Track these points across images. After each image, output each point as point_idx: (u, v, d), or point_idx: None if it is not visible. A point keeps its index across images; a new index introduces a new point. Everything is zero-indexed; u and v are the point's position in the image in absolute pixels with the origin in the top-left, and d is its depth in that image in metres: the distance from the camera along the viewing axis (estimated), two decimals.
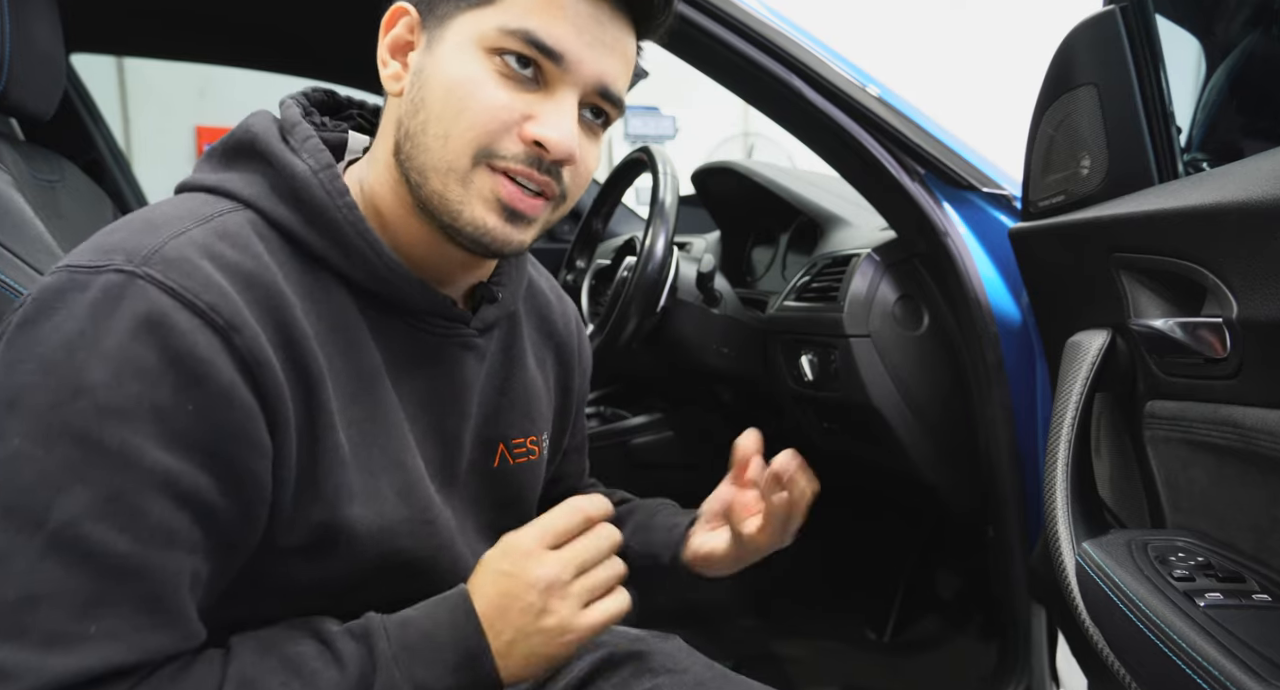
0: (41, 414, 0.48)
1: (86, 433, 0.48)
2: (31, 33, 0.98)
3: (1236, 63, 0.91)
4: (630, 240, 1.45)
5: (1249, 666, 0.55)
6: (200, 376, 0.50)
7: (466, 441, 0.71)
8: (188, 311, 0.51)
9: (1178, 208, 0.71)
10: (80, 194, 1.17)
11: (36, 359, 0.49)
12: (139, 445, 0.48)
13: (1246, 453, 0.67)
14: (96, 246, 0.53)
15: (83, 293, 0.50)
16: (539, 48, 0.59)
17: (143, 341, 0.49)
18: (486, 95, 0.59)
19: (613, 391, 2.01)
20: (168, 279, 0.51)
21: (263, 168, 0.61)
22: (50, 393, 0.48)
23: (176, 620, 0.52)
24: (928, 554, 1.67)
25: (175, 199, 0.60)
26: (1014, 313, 1.12)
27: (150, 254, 0.52)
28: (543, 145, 0.59)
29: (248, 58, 1.92)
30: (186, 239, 0.54)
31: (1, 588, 0.46)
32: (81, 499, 0.47)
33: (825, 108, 1.08)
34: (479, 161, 0.60)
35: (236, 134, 0.63)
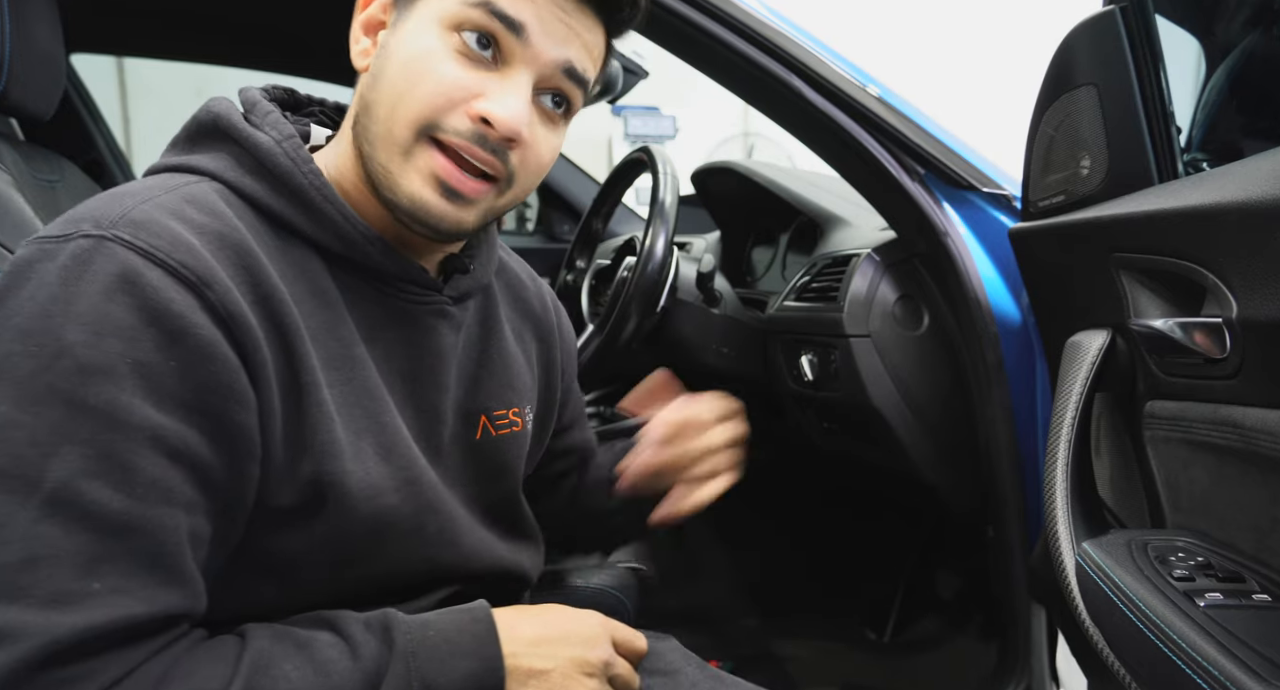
0: (24, 380, 0.48)
1: (71, 393, 0.48)
2: (31, 33, 0.98)
3: (1236, 63, 0.91)
4: (630, 240, 1.45)
5: (1249, 666, 0.55)
6: (179, 331, 0.51)
7: (448, 413, 0.71)
8: (159, 269, 0.51)
9: (1178, 208, 0.71)
10: (80, 194, 1.17)
11: (13, 328, 0.49)
12: (125, 402, 0.49)
13: (1246, 453, 0.67)
14: (65, 219, 0.54)
15: (52, 260, 0.51)
16: (500, 18, 0.59)
17: (117, 301, 0.50)
18: (441, 70, 0.59)
19: (613, 391, 2.01)
20: (136, 239, 0.51)
21: (226, 144, 0.62)
22: (31, 358, 0.48)
23: (180, 578, 0.52)
24: (928, 554, 1.67)
25: (142, 179, 0.61)
26: (1014, 313, 1.12)
27: (118, 218, 0.52)
28: (488, 122, 0.59)
29: (248, 58, 1.92)
30: (153, 204, 0.55)
31: (4, 552, 0.46)
32: (73, 459, 0.48)
33: (825, 108, 1.08)
34: (421, 136, 0.60)
35: (198, 117, 0.64)
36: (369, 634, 0.58)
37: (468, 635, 0.60)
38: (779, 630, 1.64)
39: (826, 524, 1.86)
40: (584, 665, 0.64)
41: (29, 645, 0.45)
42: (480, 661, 0.59)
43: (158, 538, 0.50)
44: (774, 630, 1.64)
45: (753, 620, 1.69)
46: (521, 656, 0.61)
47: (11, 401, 0.48)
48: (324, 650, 0.56)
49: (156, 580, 0.50)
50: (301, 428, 0.58)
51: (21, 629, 0.45)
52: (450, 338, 0.71)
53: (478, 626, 0.61)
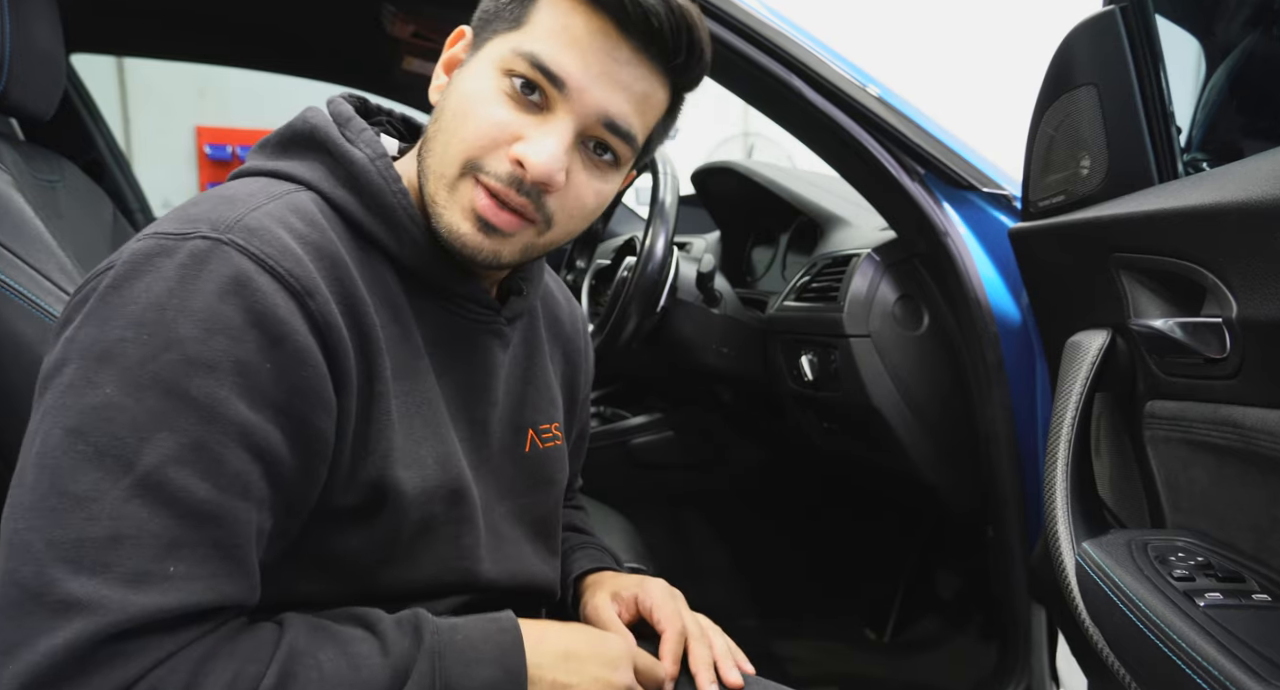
0: (133, 366, 0.51)
1: (175, 384, 0.51)
2: (31, 33, 0.98)
3: (1236, 63, 0.92)
4: (630, 240, 1.45)
5: (1249, 666, 0.55)
6: (280, 336, 0.54)
7: (494, 426, 0.74)
8: (268, 275, 0.54)
9: (1178, 208, 0.71)
10: (80, 194, 1.17)
11: (128, 316, 0.52)
12: (224, 397, 0.52)
13: (1246, 453, 0.67)
14: (180, 218, 0.56)
15: (170, 257, 0.53)
16: (542, 71, 0.61)
17: (228, 301, 0.53)
18: (487, 111, 0.62)
19: (613, 391, 2.01)
20: (250, 245, 0.55)
21: (322, 156, 0.65)
22: (141, 346, 0.51)
23: (246, 570, 0.54)
24: (928, 554, 1.67)
25: (241, 182, 0.64)
26: (1014, 313, 1.12)
27: (233, 223, 0.55)
28: (522, 165, 0.61)
29: (248, 58, 1.92)
30: (263, 211, 0.58)
31: (89, 525, 0.49)
32: (167, 446, 0.50)
33: (825, 108, 1.08)
34: (466, 172, 0.63)
35: (295, 125, 0.67)
36: (400, 632, 0.59)
37: (493, 643, 0.62)
38: (779, 630, 1.64)
39: (826, 524, 1.86)
40: (608, 685, 0.65)
41: (105, 620, 0.47)
42: (503, 670, 0.61)
43: (232, 530, 0.53)
44: (774, 630, 1.64)
45: (753, 620, 1.69)
46: (547, 669, 0.63)
47: (117, 385, 0.50)
48: (357, 645, 0.58)
49: (225, 570, 0.53)
50: (368, 433, 0.61)
51: (101, 603, 0.48)
52: (500, 355, 0.74)
53: (504, 636, 0.63)
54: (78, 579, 0.48)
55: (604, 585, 0.82)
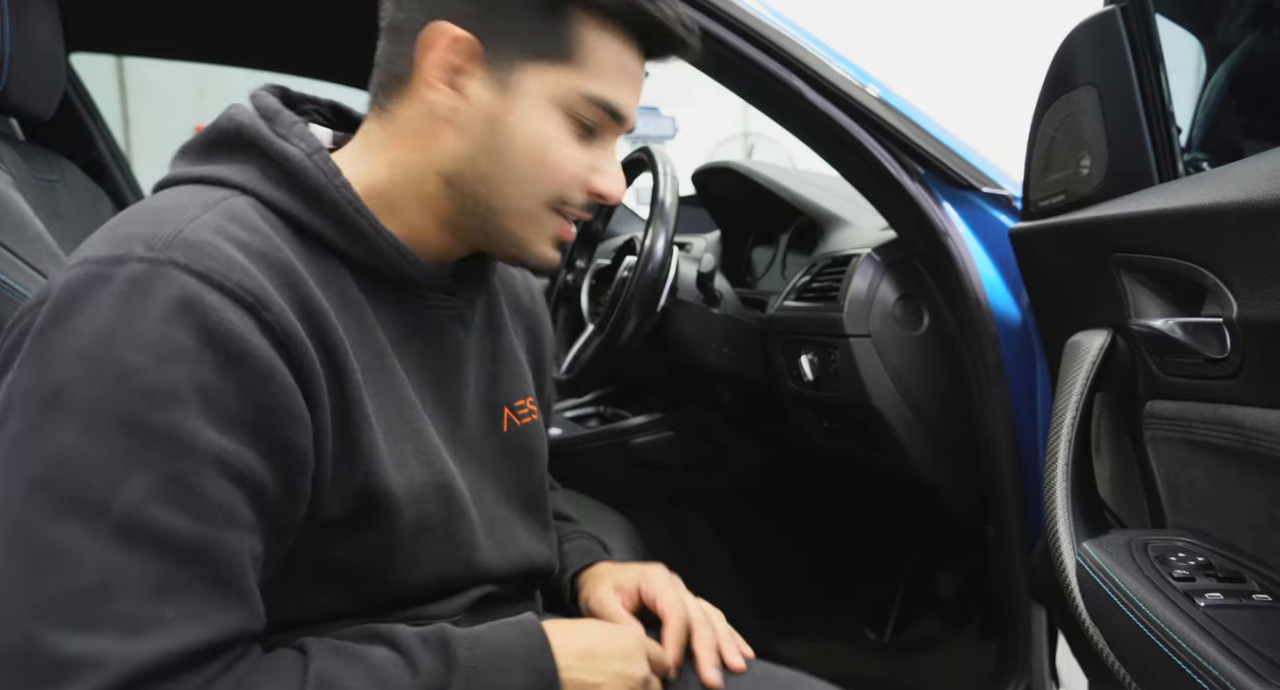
0: (86, 405, 0.48)
1: (136, 418, 0.48)
2: (31, 33, 0.98)
3: (1236, 63, 0.92)
4: (630, 240, 1.45)
5: (1249, 666, 0.55)
6: (239, 354, 0.51)
7: (470, 410, 0.73)
8: (217, 292, 0.51)
9: (1178, 208, 0.71)
10: (80, 194, 1.17)
11: (72, 353, 0.49)
12: (191, 426, 0.49)
13: (1246, 453, 0.67)
14: (110, 240, 0.53)
15: (107, 284, 0.50)
16: (612, 115, 0.66)
17: (178, 325, 0.49)
18: (565, 154, 0.65)
19: (613, 391, 2.01)
20: (192, 262, 0.51)
21: (253, 156, 0.62)
22: (92, 384, 0.48)
23: (245, 599, 0.52)
24: (928, 554, 1.67)
25: (168, 192, 0.60)
26: (1014, 313, 1.12)
27: (170, 240, 0.52)
28: (603, 195, 0.68)
29: (248, 58, 1.92)
30: (200, 224, 0.54)
31: (74, 579, 0.46)
32: (141, 485, 0.48)
33: (825, 108, 1.08)
34: (550, 207, 0.67)
35: (219, 125, 0.63)
36: (426, 650, 0.58)
37: (521, 648, 0.62)
38: (779, 630, 1.64)
39: (826, 524, 1.86)
40: (628, 680, 0.66)
41: (111, 674, 0.45)
42: (535, 675, 0.61)
43: (224, 561, 0.50)
44: (774, 630, 1.64)
45: (753, 620, 1.69)
46: (574, 670, 0.63)
47: (76, 428, 0.47)
48: (384, 667, 0.56)
49: (224, 603, 0.50)
50: (348, 441, 0.59)
51: (102, 657, 0.45)
52: (466, 338, 0.73)
53: (529, 640, 0.63)
54: (73, 637, 0.45)
55: (604, 578, 0.82)
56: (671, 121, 5.34)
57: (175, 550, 0.48)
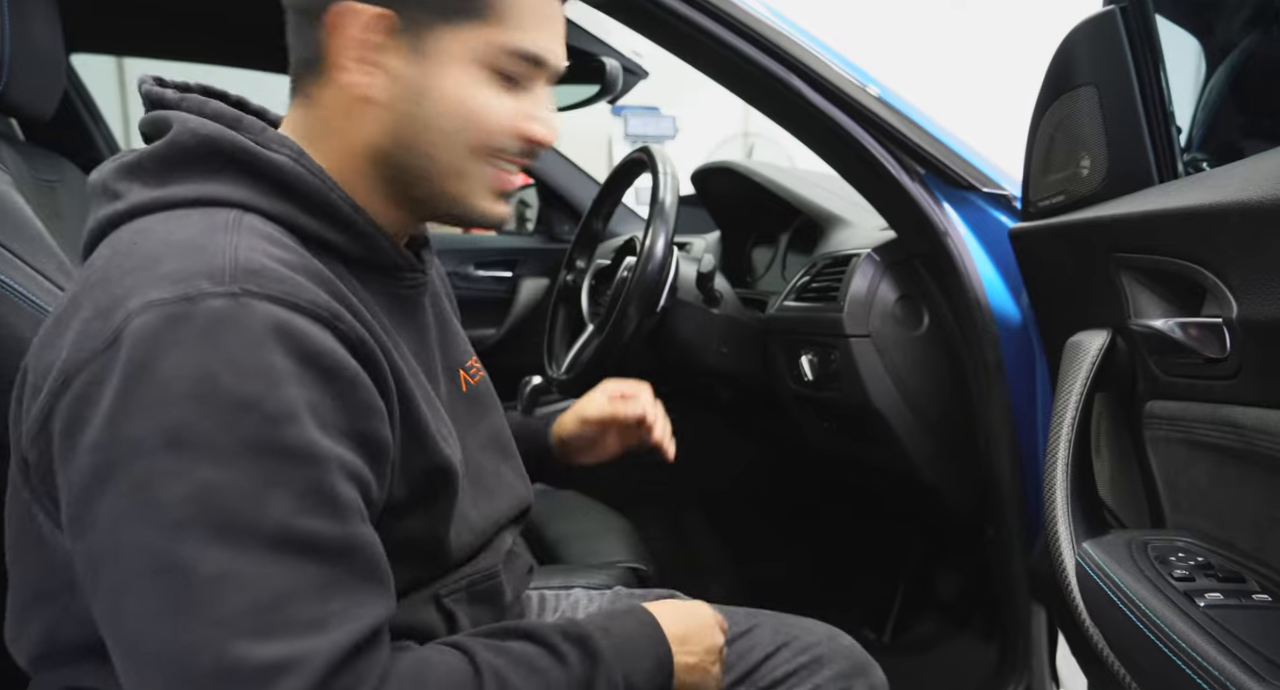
0: (215, 440, 0.49)
1: (265, 442, 0.51)
2: (31, 33, 0.98)
3: (1236, 63, 0.92)
4: (630, 240, 1.45)
5: (1249, 666, 0.55)
6: (332, 368, 0.55)
7: (441, 376, 0.76)
8: (298, 314, 0.54)
9: (1178, 208, 0.71)
10: (80, 194, 1.17)
11: (180, 394, 0.49)
12: (314, 439, 0.52)
13: (1246, 453, 0.67)
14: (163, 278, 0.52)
15: (189, 323, 0.51)
16: (530, 60, 0.65)
17: (276, 350, 0.52)
18: (495, 108, 0.65)
19: None
20: (265, 289, 0.53)
21: (235, 170, 0.61)
22: (214, 419, 0.50)
23: (387, 585, 0.57)
24: (928, 554, 1.67)
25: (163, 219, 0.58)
26: (1014, 313, 1.12)
27: (233, 270, 0.53)
28: (538, 141, 0.67)
29: (248, 58, 1.92)
30: (245, 249, 0.55)
31: (249, 597, 0.49)
32: (286, 501, 0.51)
33: (825, 108, 1.08)
34: (480, 158, 0.66)
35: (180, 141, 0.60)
36: (568, 642, 0.64)
37: (643, 637, 0.69)
38: None
39: (826, 524, 1.86)
40: (715, 653, 0.74)
41: (312, 667, 0.49)
42: (655, 660, 0.68)
43: (365, 553, 0.55)
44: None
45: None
46: (679, 654, 0.70)
47: (209, 463, 0.49)
48: (536, 660, 0.62)
49: (376, 591, 0.55)
50: (410, 427, 0.64)
51: (299, 657, 0.49)
52: (426, 309, 0.77)
53: (648, 629, 0.70)
54: (266, 645, 0.48)
55: (569, 417, 1.02)
56: (671, 121, 5.33)
57: (328, 552, 0.52)
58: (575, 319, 1.53)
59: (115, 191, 0.61)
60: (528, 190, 2.49)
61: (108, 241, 0.59)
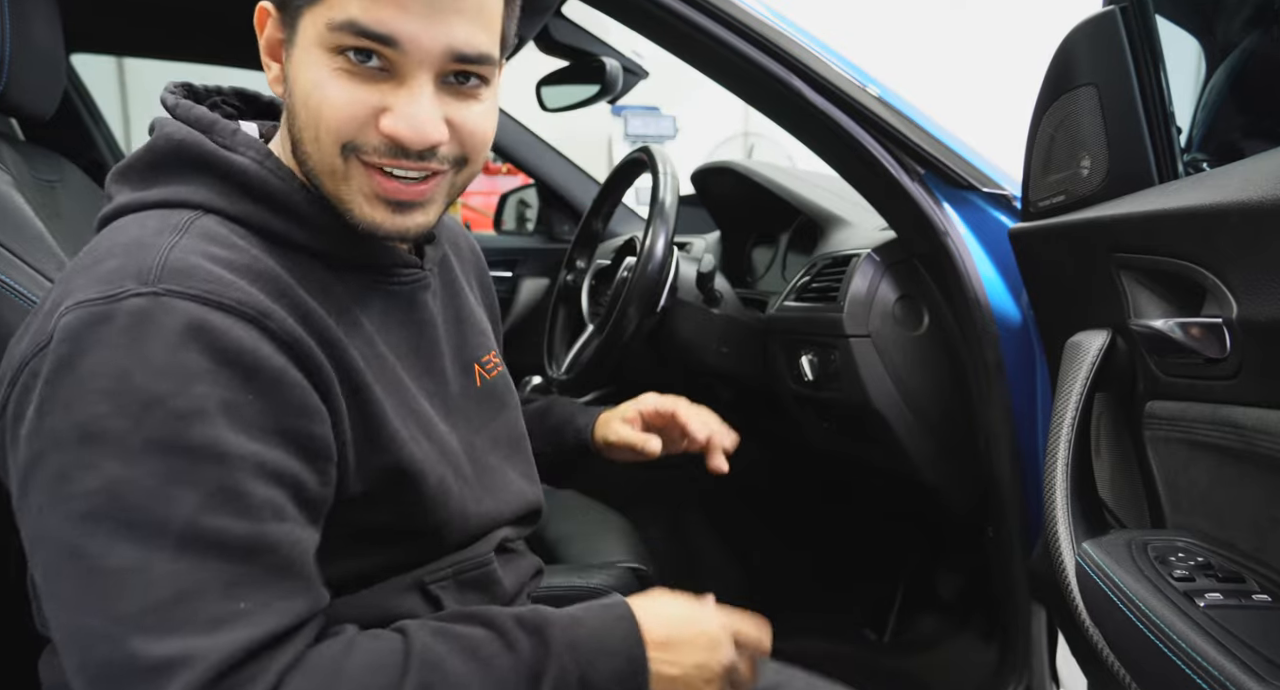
0: (121, 437, 0.50)
1: (172, 440, 0.51)
2: (31, 33, 0.98)
3: (1236, 63, 0.91)
4: (630, 240, 1.45)
5: (1249, 666, 0.55)
6: (253, 366, 0.54)
7: (449, 372, 0.76)
8: (219, 311, 0.54)
9: (1178, 208, 0.71)
10: (80, 194, 1.17)
11: (94, 392, 0.51)
12: (223, 438, 0.52)
13: (1246, 453, 0.67)
14: (97, 278, 0.54)
15: (110, 322, 0.52)
16: (369, 37, 0.57)
17: (190, 348, 0.52)
18: (334, 95, 0.59)
19: (613, 391, 2.01)
20: (188, 288, 0.53)
21: (203, 173, 0.62)
22: (122, 416, 0.50)
23: (308, 584, 0.56)
24: (928, 554, 1.67)
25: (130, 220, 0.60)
26: (1014, 313, 1.12)
27: (159, 270, 0.54)
28: (394, 138, 0.59)
29: (248, 58, 1.91)
30: (180, 249, 0.56)
31: (150, 593, 0.50)
32: (191, 499, 0.51)
33: (825, 108, 1.08)
34: (348, 156, 0.60)
35: (157, 146, 0.63)
36: (522, 630, 0.61)
37: (616, 635, 0.63)
38: (778, 630, 1.64)
39: (826, 524, 1.86)
40: (707, 671, 0.66)
41: (202, 668, 0.49)
42: (628, 662, 0.62)
43: (281, 552, 0.54)
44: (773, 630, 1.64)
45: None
46: (654, 661, 0.64)
47: (116, 459, 0.50)
48: (483, 645, 0.59)
49: (291, 590, 0.55)
50: (366, 426, 0.63)
51: (190, 655, 0.49)
52: (434, 303, 0.76)
53: (623, 625, 0.64)
54: (160, 642, 0.49)
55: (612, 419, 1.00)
56: (671, 121, 5.33)
57: (236, 550, 0.52)
58: (575, 319, 1.53)
59: (109, 193, 0.64)
60: (528, 190, 2.49)
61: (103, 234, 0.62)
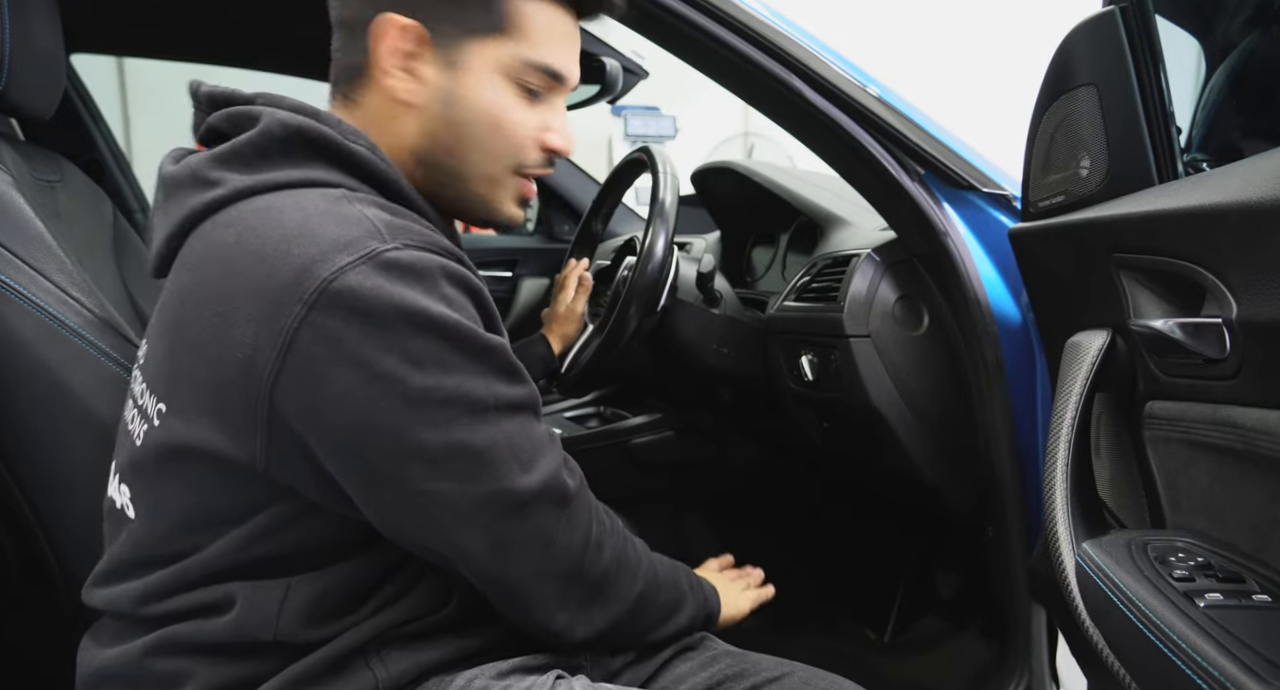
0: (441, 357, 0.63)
1: (474, 349, 0.64)
2: (31, 33, 0.98)
3: (1236, 63, 0.91)
4: (630, 240, 1.45)
5: (1249, 666, 0.55)
6: (478, 291, 0.67)
7: None
8: (446, 257, 0.65)
9: (1177, 208, 0.71)
10: (80, 194, 1.17)
11: (408, 328, 0.61)
12: (491, 338, 0.66)
13: (1246, 453, 0.67)
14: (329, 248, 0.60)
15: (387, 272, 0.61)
16: (554, 77, 0.74)
17: (447, 285, 0.64)
18: (517, 119, 0.74)
19: (613, 391, 2.01)
20: (417, 241, 0.63)
21: (323, 157, 0.68)
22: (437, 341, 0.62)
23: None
24: (928, 554, 1.67)
25: (276, 198, 0.65)
26: (1014, 313, 1.12)
27: (386, 230, 0.62)
28: (556, 151, 0.77)
29: (248, 58, 1.92)
30: (375, 213, 0.64)
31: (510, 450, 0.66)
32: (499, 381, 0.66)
33: (825, 108, 1.08)
34: (512, 170, 0.76)
35: (272, 132, 0.67)
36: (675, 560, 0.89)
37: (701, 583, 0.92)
38: (779, 630, 1.64)
39: (826, 524, 1.86)
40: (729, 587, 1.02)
41: (556, 476, 0.68)
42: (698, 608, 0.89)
43: (539, 404, 0.70)
44: (773, 630, 1.64)
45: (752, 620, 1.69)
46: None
47: (445, 374, 0.62)
48: (683, 577, 0.89)
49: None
50: None
51: (548, 439, 0.69)
52: None
53: (693, 577, 0.92)
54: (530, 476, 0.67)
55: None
56: (671, 121, 5.33)
57: (531, 407, 0.69)
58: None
59: (211, 179, 0.67)
60: None
61: (218, 222, 0.65)
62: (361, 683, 0.67)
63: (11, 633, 0.93)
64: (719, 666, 0.83)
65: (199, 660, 0.66)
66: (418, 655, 0.70)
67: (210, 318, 0.62)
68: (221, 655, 0.66)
